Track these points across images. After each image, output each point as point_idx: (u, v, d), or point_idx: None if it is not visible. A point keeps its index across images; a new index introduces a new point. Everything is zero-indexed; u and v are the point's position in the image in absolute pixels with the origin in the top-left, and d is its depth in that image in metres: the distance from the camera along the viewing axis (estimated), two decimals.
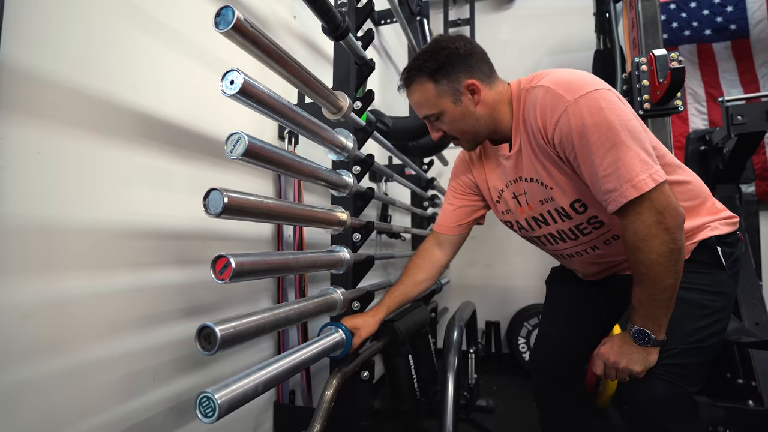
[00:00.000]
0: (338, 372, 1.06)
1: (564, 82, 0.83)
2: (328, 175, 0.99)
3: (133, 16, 0.88)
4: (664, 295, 0.80)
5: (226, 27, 0.67)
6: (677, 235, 0.77)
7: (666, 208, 0.76)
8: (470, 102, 0.93)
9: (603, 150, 0.77)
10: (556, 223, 0.98)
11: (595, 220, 0.92)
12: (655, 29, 1.59)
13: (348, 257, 1.06)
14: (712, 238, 0.90)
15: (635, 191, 0.75)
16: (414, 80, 0.94)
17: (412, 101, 0.97)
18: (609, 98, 0.79)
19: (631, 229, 0.78)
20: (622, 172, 0.76)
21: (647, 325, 0.82)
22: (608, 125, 0.76)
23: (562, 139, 0.82)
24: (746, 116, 1.69)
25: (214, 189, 0.65)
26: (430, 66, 0.91)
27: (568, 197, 0.91)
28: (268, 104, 0.75)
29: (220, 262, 0.67)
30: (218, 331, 0.62)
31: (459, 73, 0.91)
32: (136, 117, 0.87)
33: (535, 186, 0.95)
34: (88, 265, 0.77)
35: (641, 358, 0.84)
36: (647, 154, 0.77)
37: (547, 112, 0.83)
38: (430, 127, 1.00)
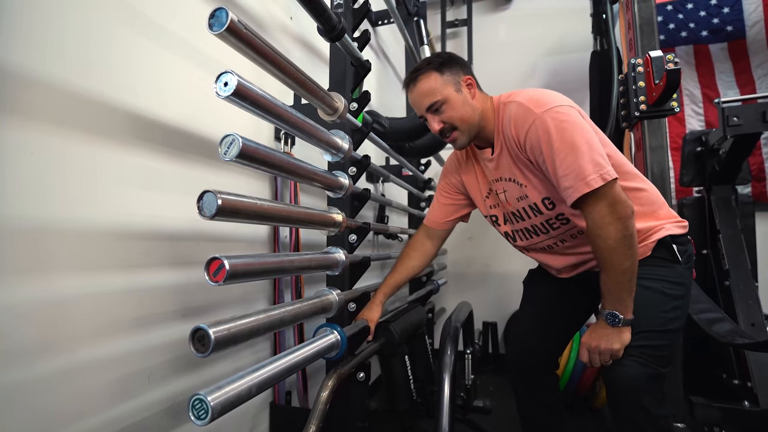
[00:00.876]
0: (334, 373, 1.06)
1: (534, 99, 0.99)
2: (324, 176, 0.99)
3: (132, 19, 0.88)
4: (624, 277, 0.93)
5: (220, 29, 0.66)
6: (628, 222, 0.91)
7: (617, 201, 0.91)
8: (468, 94, 1.08)
9: (563, 154, 0.92)
10: (530, 218, 1.12)
11: (562, 216, 1.07)
12: (651, 30, 1.60)
13: (343, 258, 1.06)
14: (667, 237, 1.05)
15: (586, 187, 0.90)
16: (422, 73, 1.07)
17: (418, 92, 1.07)
18: (570, 113, 0.95)
19: (590, 219, 0.93)
20: (577, 172, 0.91)
21: (615, 307, 0.96)
22: (568, 134, 0.92)
23: (532, 146, 0.98)
24: (742, 117, 1.69)
25: (208, 191, 0.65)
26: (437, 61, 1.07)
27: (539, 194, 1.06)
28: (262, 106, 0.75)
29: (214, 264, 0.67)
30: (212, 333, 0.62)
31: (459, 70, 1.09)
32: (132, 118, 0.87)
33: (512, 185, 1.11)
34: (83, 266, 0.77)
35: (616, 337, 0.96)
36: (600, 157, 0.92)
37: (519, 123, 1.00)
38: (431, 120, 1.09)
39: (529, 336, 1.27)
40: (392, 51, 2.72)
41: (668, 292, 1.01)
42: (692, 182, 2.12)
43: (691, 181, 2.12)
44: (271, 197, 1.34)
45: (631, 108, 1.61)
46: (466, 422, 1.88)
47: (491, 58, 3.00)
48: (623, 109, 1.69)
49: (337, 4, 1.33)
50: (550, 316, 1.25)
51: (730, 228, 1.95)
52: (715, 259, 2.02)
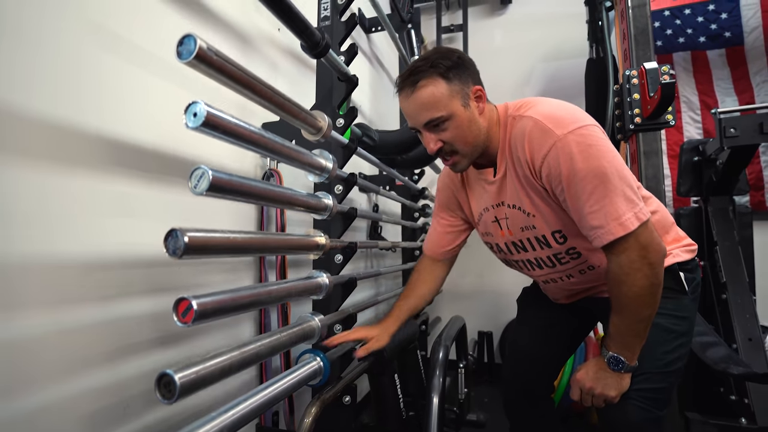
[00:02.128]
0: (317, 400, 1.04)
1: (553, 116, 0.83)
2: (305, 200, 0.96)
3: (105, 40, 0.85)
4: (640, 326, 0.84)
5: (189, 57, 0.63)
6: (659, 270, 0.81)
7: (650, 244, 0.79)
8: (476, 109, 0.91)
9: (590, 187, 0.79)
10: (535, 251, 0.99)
11: (574, 251, 0.95)
12: (647, 41, 1.57)
13: (327, 282, 1.03)
14: (675, 264, 0.95)
15: (622, 230, 0.78)
16: (424, 77, 0.86)
17: (417, 102, 0.87)
18: (597, 135, 0.81)
19: (617, 263, 0.81)
20: (608, 210, 0.78)
21: (622, 352, 0.86)
22: (596, 163, 0.78)
23: (549, 173, 0.83)
24: (739, 129, 1.66)
25: (174, 229, 0.62)
26: (445, 64, 0.86)
27: (549, 227, 0.92)
28: (236, 134, 0.72)
29: (182, 305, 0.64)
30: (177, 379, 0.59)
31: (468, 77, 0.89)
32: (103, 144, 0.84)
33: (517, 213, 0.96)
34: (50, 302, 0.74)
35: (615, 383, 0.87)
36: (632, 192, 0.80)
37: (535, 144, 0.84)
38: (428, 137, 0.91)
39: (525, 362, 1.20)
40: (387, 57, 2.69)
41: (673, 329, 0.92)
42: (689, 192, 2.09)
43: (688, 191, 2.09)
44: (258, 219, 1.31)
45: (625, 120, 1.58)
46: None
47: (487, 63, 2.94)
48: (618, 120, 1.66)
49: (324, 17, 1.30)
50: (547, 341, 1.18)
51: (728, 240, 1.92)
52: (712, 272, 1.99)
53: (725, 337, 1.87)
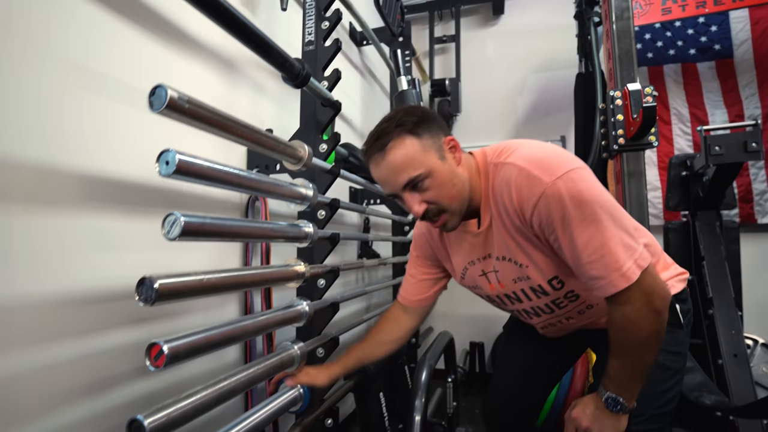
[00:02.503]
0: (297, 426, 1.05)
1: (538, 162, 0.78)
2: (284, 231, 0.98)
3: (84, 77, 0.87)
4: (642, 370, 0.81)
5: (161, 107, 0.65)
6: (665, 315, 0.78)
7: (654, 290, 0.76)
8: (453, 160, 0.84)
9: (586, 236, 0.74)
10: (531, 300, 0.95)
11: (572, 293, 0.91)
12: (630, 62, 1.58)
13: (307, 310, 1.04)
14: (672, 298, 0.88)
15: (625, 281, 0.74)
16: (392, 138, 0.80)
17: (390, 166, 0.81)
18: (586, 178, 0.76)
19: (621, 313, 0.77)
20: (608, 261, 0.74)
21: (621, 393, 0.82)
22: (590, 210, 0.74)
23: (541, 222, 0.78)
24: (724, 147, 1.68)
25: (145, 277, 0.64)
26: (411, 120, 0.81)
27: (545, 275, 0.88)
28: (210, 177, 0.73)
29: (154, 350, 0.66)
30: (147, 425, 0.61)
31: (438, 130, 0.84)
32: (85, 180, 0.86)
33: (507, 264, 0.91)
34: (28, 341, 0.76)
35: (613, 425, 0.84)
36: (630, 237, 0.76)
37: (523, 193, 0.78)
38: (410, 199, 0.83)
39: (511, 392, 1.18)
40: (379, 69, 2.70)
41: (669, 366, 0.89)
42: (678, 206, 2.10)
43: (676, 205, 2.11)
44: (243, 247, 1.33)
45: (610, 140, 1.59)
46: None
47: (480, 74, 2.98)
48: (604, 139, 1.68)
49: (308, 42, 1.32)
50: (531, 374, 1.16)
51: (714, 255, 1.94)
52: (699, 286, 2.00)
53: (711, 352, 1.88)
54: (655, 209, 2.52)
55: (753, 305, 2.30)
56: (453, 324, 2.28)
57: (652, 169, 2.55)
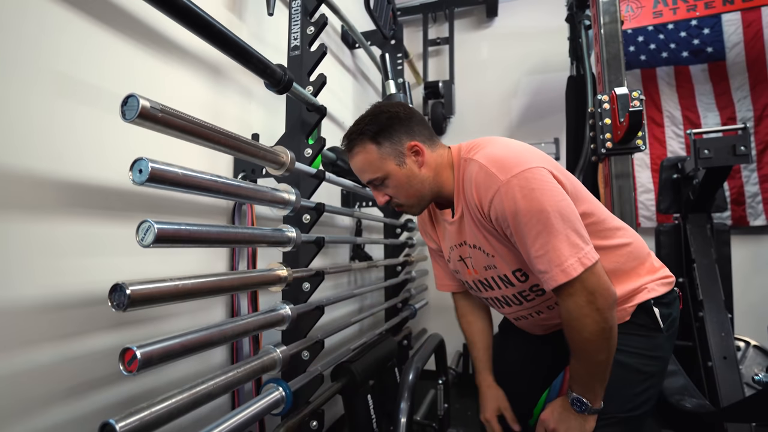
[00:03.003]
0: (281, 427, 1.06)
1: (497, 160, 0.84)
2: (266, 236, 0.99)
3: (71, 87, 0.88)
4: (597, 369, 0.83)
5: (133, 116, 0.66)
6: (608, 314, 0.79)
7: (597, 290, 0.78)
8: (414, 164, 0.95)
9: (534, 232, 0.79)
10: (500, 289, 1.01)
11: (537, 287, 0.95)
12: (618, 66, 1.59)
13: (289, 314, 1.05)
14: (650, 300, 0.92)
15: (564, 276, 0.78)
16: (356, 144, 0.95)
17: (355, 166, 0.98)
18: (541, 178, 0.80)
19: (564, 308, 0.82)
20: (551, 256, 0.78)
21: (585, 394, 0.86)
22: (539, 208, 0.78)
23: (497, 217, 0.85)
24: (713, 150, 1.68)
25: (117, 284, 0.64)
26: (372, 129, 0.92)
27: (509, 266, 0.94)
28: (186, 184, 0.74)
29: (128, 354, 0.66)
30: (119, 429, 0.62)
31: (401, 135, 0.94)
32: (61, 186, 0.87)
33: (478, 252, 0.98)
34: (5, 345, 0.76)
35: (579, 426, 0.86)
36: (577, 236, 0.79)
37: (481, 190, 0.86)
38: (375, 193, 1.00)
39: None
40: (371, 72, 2.71)
41: (643, 370, 0.90)
42: (669, 209, 2.11)
43: (668, 207, 2.11)
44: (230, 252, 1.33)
45: (598, 144, 1.60)
46: None
47: (473, 76, 2.99)
48: (593, 142, 1.68)
49: (294, 47, 1.33)
50: (527, 372, 1.19)
51: (705, 257, 1.94)
52: (690, 288, 2.01)
53: (701, 354, 1.89)
54: (648, 211, 2.52)
55: (745, 308, 2.30)
56: (447, 326, 2.28)
57: (645, 171, 2.55)
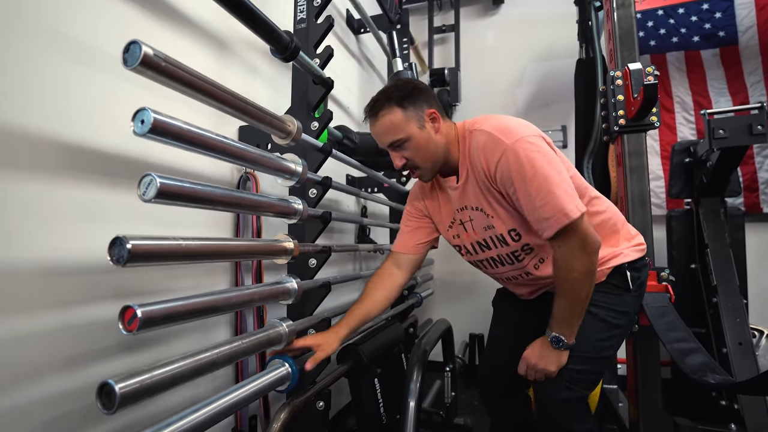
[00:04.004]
0: (287, 405, 1.02)
1: (503, 128, 0.98)
2: (272, 204, 0.95)
3: (54, 41, 0.84)
4: (578, 307, 0.99)
5: (134, 63, 0.63)
6: (594, 258, 0.96)
7: (587, 235, 0.94)
8: (431, 129, 1.05)
9: (536, 184, 0.92)
10: (496, 248, 1.12)
11: (527, 246, 1.07)
12: (631, 41, 1.55)
13: (296, 288, 1.02)
14: (624, 264, 1.08)
15: (566, 218, 0.91)
16: (382, 107, 1.03)
17: (380, 129, 1.05)
18: (538, 143, 0.96)
19: (560, 252, 0.96)
20: (555, 203, 0.92)
21: (562, 331, 1.00)
22: (540, 164, 0.93)
23: (502, 176, 0.97)
24: (728, 130, 1.64)
25: (118, 237, 0.61)
26: (398, 95, 1.03)
27: (506, 226, 1.06)
28: (189, 139, 0.71)
29: (128, 313, 0.63)
30: (118, 389, 0.59)
31: (422, 103, 1.05)
32: (60, 148, 0.84)
33: (479, 214, 1.10)
34: (4, 309, 0.73)
35: (556, 359, 1.02)
36: (571, 189, 0.95)
37: (489, 152, 0.99)
38: (393, 155, 1.07)
39: (500, 359, 1.28)
40: (377, 58, 2.68)
41: (611, 322, 1.05)
42: (680, 194, 2.06)
43: (679, 192, 2.07)
44: (234, 225, 1.30)
45: (610, 122, 1.56)
46: None
47: (479, 64, 2.95)
48: (604, 122, 1.64)
49: (300, 20, 1.29)
50: (520, 338, 1.22)
51: (718, 242, 1.89)
52: (703, 274, 1.96)
53: (716, 341, 1.84)
54: (658, 199, 2.47)
55: (757, 296, 2.25)
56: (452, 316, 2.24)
57: (655, 158, 2.51)
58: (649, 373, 1.44)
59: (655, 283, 1.39)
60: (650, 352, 1.45)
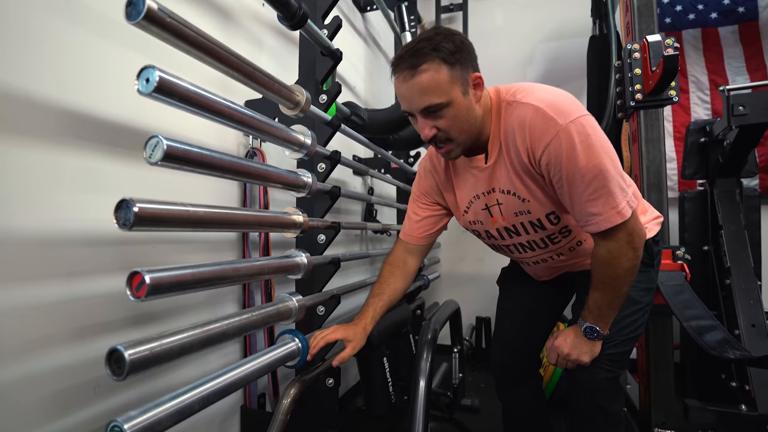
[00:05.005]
0: (296, 381, 1.01)
1: (555, 106, 0.82)
2: (280, 176, 0.93)
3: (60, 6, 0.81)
4: (619, 301, 0.92)
5: (138, 18, 0.59)
6: (640, 253, 0.88)
7: (635, 231, 0.86)
8: (473, 97, 0.87)
9: (590, 176, 0.81)
10: (528, 234, 1.01)
11: (566, 229, 0.98)
12: (650, 13, 1.49)
13: (305, 262, 1.00)
14: (650, 240, 1.02)
15: (620, 218, 0.83)
16: (426, 60, 0.81)
17: (417, 86, 0.82)
18: (594, 125, 0.83)
19: (606, 248, 0.87)
20: (607, 199, 0.82)
21: (598, 323, 0.94)
22: (596, 153, 0.81)
23: (549, 162, 0.83)
24: (748, 106, 1.58)
25: (124, 199, 0.59)
26: (448, 48, 0.81)
27: (544, 209, 0.94)
28: (194, 102, 0.68)
29: (136, 279, 0.61)
30: (127, 355, 0.57)
31: (469, 64, 0.85)
32: (64, 116, 0.81)
33: (510, 198, 0.96)
34: (9, 278, 0.72)
35: (589, 350, 0.97)
36: (624, 182, 0.84)
37: (536, 132, 0.83)
38: (423, 123, 0.86)
39: (511, 338, 1.24)
40: (383, 37, 2.62)
41: (640, 300, 1.01)
42: (695, 175, 2.02)
43: (693, 173, 2.02)
44: (241, 198, 1.28)
45: (626, 97, 1.51)
46: (452, 422, 1.84)
47: (487, 44, 2.87)
48: (619, 98, 1.59)
49: None
50: (530, 317, 1.23)
51: (733, 223, 1.85)
52: (716, 256, 1.93)
53: (728, 323, 1.81)
54: (671, 181, 2.42)
55: None
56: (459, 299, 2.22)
57: (668, 139, 2.45)
58: (663, 355, 1.42)
59: (671, 261, 1.36)
60: (664, 332, 1.42)
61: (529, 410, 1.26)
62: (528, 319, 1.22)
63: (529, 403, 1.26)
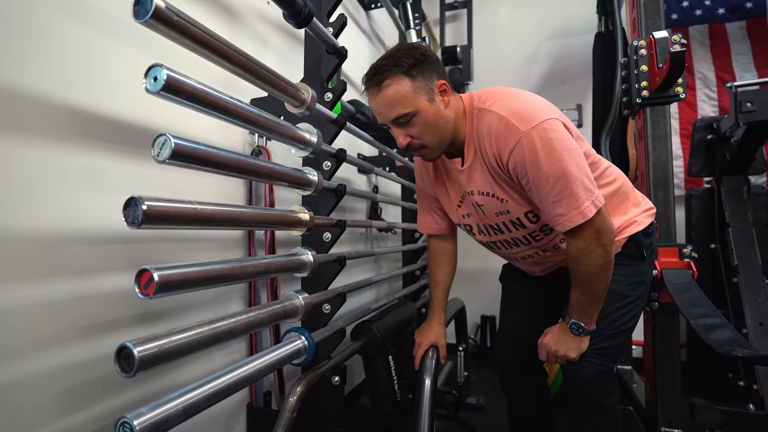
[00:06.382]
0: (302, 379, 1.02)
1: (517, 113, 0.88)
2: (286, 173, 0.93)
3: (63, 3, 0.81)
4: (596, 297, 0.95)
5: (145, 16, 0.59)
6: (610, 249, 0.91)
7: (602, 228, 0.89)
8: (441, 103, 0.94)
9: (553, 179, 0.85)
10: (511, 232, 1.06)
11: (546, 227, 1.02)
12: (657, 9, 1.48)
13: (311, 260, 1.00)
14: (638, 233, 1.04)
15: (581, 217, 0.86)
16: (389, 76, 0.90)
17: (383, 101, 0.92)
18: (557, 128, 0.87)
19: (574, 246, 0.91)
20: (570, 200, 0.86)
21: (582, 319, 0.98)
22: (558, 156, 0.85)
23: (516, 166, 0.89)
24: (756, 103, 1.57)
25: (133, 197, 0.59)
26: (407, 62, 0.90)
27: (522, 208, 0.99)
28: (201, 100, 0.68)
29: (144, 276, 0.61)
30: (136, 352, 0.57)
31: (432, 73, 0.93)
32: (71, 114, 0.81)
33: (490, 199, 1.02)
34: (17, 276, 0.72)
35: (576, 346, 1.00)
36: (590, 181, 0.88)
37: (501, 140, 0.89)
38: (397, 132, 0.96)
39: (513, 333, 1.28)
40: (387, 35, 2.61)
41: (629, 294, 1.02)
42: (702, 172, 2.01)
43: (700, 170, 2.01)
44: (246, 197, 1.29)
45: (632, 94, 1.50)
46: (457, 420, 1.84)
47: (492, 41, 2.87)
48: (625, 95, 1.58)
49: None
50: (532, 314, 1.25)
51: (741, 221, 1.84)
52: (723, 254, 1.92)
53: (735, 321, 1.80)
54: (677, 179, 2.41)
55: None
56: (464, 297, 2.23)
57: (674, 137, 2.43)
58: (669, 353, 1.41)
59: (677, 259, 1.35)
60: (671, 331, 1.41)
61: (532, 407, 1.28)
62: (529, 313, 1.24)
63: (532, 399, 1.27)
